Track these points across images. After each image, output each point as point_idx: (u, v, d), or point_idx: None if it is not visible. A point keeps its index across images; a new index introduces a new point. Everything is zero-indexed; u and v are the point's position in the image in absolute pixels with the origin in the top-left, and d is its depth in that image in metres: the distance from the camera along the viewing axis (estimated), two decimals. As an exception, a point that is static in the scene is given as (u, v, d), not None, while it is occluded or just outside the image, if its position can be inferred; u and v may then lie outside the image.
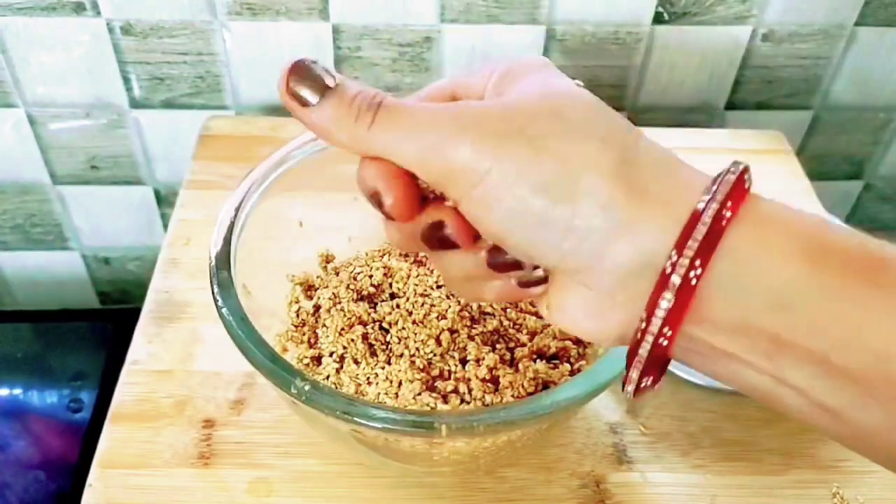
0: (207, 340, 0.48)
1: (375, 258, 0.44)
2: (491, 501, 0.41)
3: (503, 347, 0.40)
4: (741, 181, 0.24)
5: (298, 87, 0.26)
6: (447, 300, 0.40)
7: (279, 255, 0.44)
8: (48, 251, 0.78)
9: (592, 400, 0.34)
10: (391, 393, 0.37)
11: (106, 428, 0.44)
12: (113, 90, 0.65)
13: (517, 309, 0.42)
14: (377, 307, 0.41)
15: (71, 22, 0.61)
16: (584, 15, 0.63)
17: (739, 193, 0.24)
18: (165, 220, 0.75)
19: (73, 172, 0.71)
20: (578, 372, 0.40)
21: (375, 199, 0.27)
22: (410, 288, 0.41)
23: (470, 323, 0.40)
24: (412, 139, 0.26)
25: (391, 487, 0.42)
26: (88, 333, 0.75)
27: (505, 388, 0.38)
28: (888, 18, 0.65)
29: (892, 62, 0.68)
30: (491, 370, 0.38)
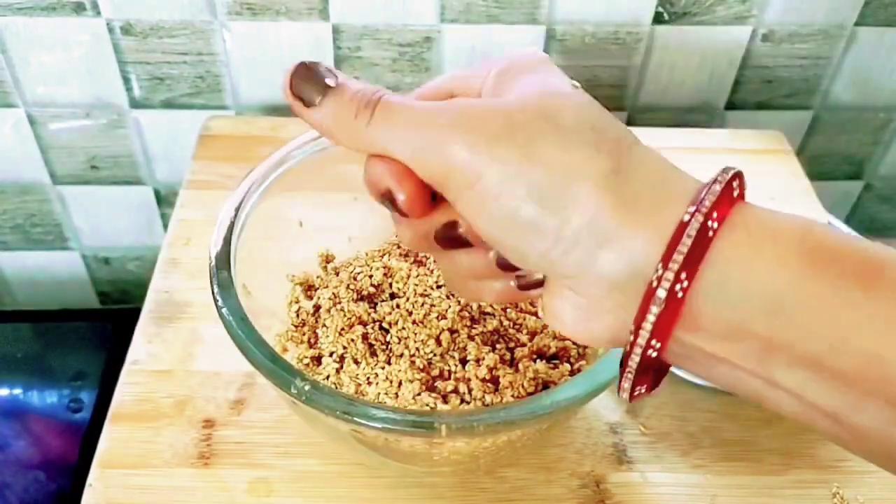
0: (207, 340, 0.48)
1: (375, 258, 0.44)
2: (491, 501, 0.41)
3: (503, 347, 0.40)
4: (729, 189, 0.24)
5: (301, 87, 0.27)
6: (447, 300, 0.40)
7: (279, 255, 0.44)
8: (48, 251, 0.78)
9: (592, 400, 0.34)
10: (391, 393, 0.37)
11: (106, 428, 0.44)
12: (113, 90, 0.65)
13: (517, 309, 0.42)
14: (377, 307, 0.41)
15: (71, 22, 0.61)
16: (584, 15, 0.62)
17: (726, 203, 0.24)
18: (165, 220, 0.75)
19: (73, 172, 0.71)
20: (578, 372, 0.40)
21: (387, 197, 0.27)
22: (410, 288, 0.41)
23: (470, 323, 0.40)
24: (408, 136, 0.26)
25: (391, 487, 0.42)
26: (88, 333, 0.74)
27: (505, 388, 0.38)
28: (888, 18, 0.65)
29: (892, 62, 0.68)
30: (491, 370, 0.38)
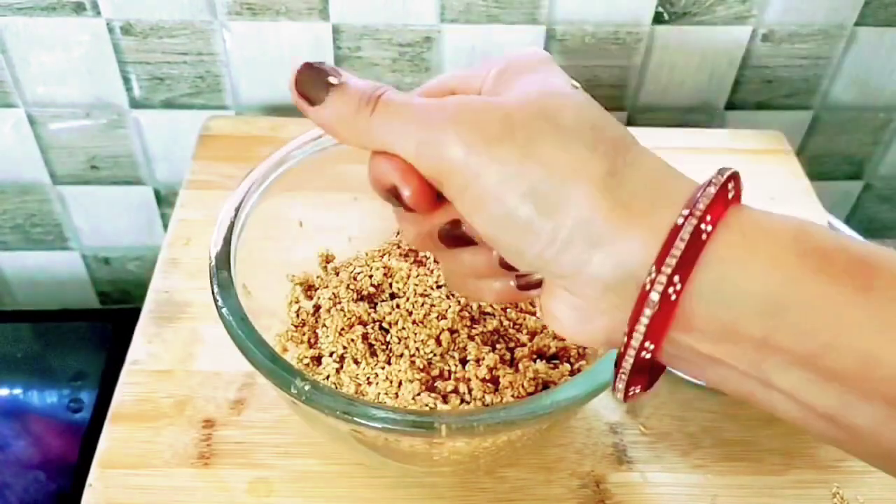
0: (207, 340, 0.48)
1: (375, 258, 0.44)
2: (491, 501, 0.41)
3: (503, 347, 0.40)
4: (724, 192, 0.24)
5: (306, 86, 0.27)
6: (447, 300, 0.40)
7: (279, 255, 0.44)
8: (48, 251, 0.78)
9: (592, 400, 0.34)
10: (391, 393, 0.37)
11: (106, 428, 0.44)
12: (113, 90, 0.65)
13: (517, 309, 0.42)
14: (377, 307, 0.41)
15: (71, 22, 0.61)
16: (584, 15, 0.62)
17: (720, 205, 0.24)
18: (165, 220, 0.75)
19: (73, 172, 0.71)
20: (578, 372, 0.40)
21: (393, 193, 0.27)
22: (410, 288, 0.41)
23: (470, 323, 0.40)
24: (408, 132, 0.26)
25: (391, 487, 0.42)
26: (88, 333, 0.74)
27: (505, 388, 0.38)
28: (888, 18, 0.65)
29: (892, 62, 0.68)
30: (491, 370, 0.38)
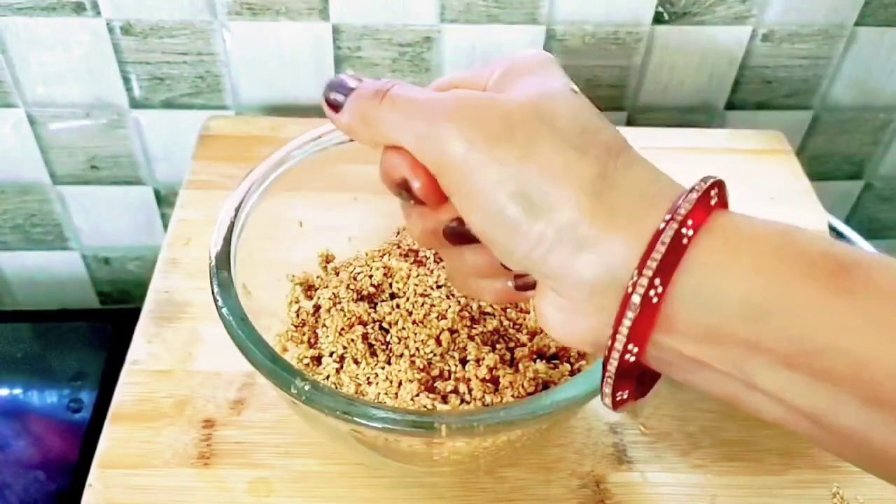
0: (207, 340, 0.48)
1: (375, 258, 0.44)
2: (491, 501, 0.41)
3: (503, 347, 0.40)
4: (706, 198, 0.25)
5: (330, 94, 0.30)
6: (447, 300, 0.40)
7: (279, 255, 0.44)
8: (48, 251, 0.78)
9: (592, 400, 0.34)
10: (391, 393, 0.37)
11: (106, 428, 0.44)
12: (113, 90, 0.65)
13: (517, 309, 0.42)
14: (377, 307, 0.41)
15: (71, 22, 0.61)
16: (584, 15, 0.62)
17: (702, 211, 0.24)
18: (165, 220, 0.75)
19: (73, 172, 0.71)
20: (578, 372, 0.40)
21: (403, 186, 0.28)
22: (410, 288, 0.41)
23: (470, 323, 0.40)
24: (412, 125, 0.27)
25: (391, 487, 0.42)
26: (88, 333, 0.74)
27: (505, 388, 0.38)
28: (888, 18, 0.65)
29: (892, 62, 0.68)
30: (491, 370, 0.38)
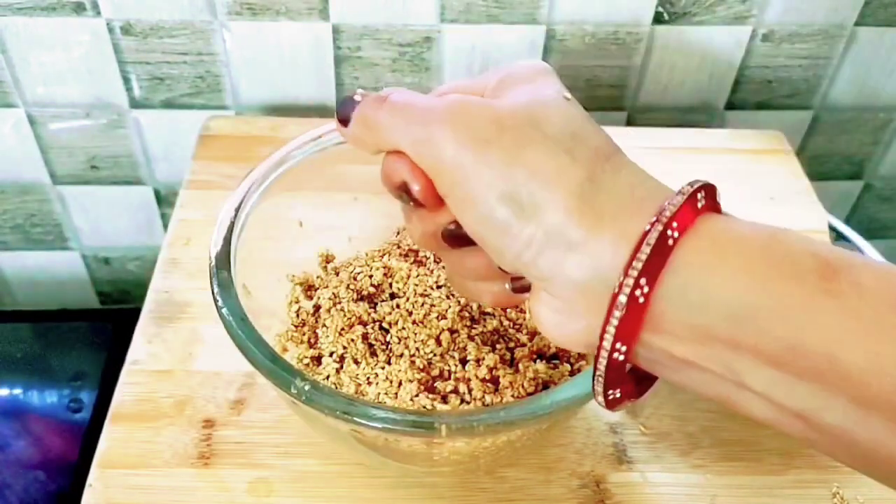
0: (207, 340, 0.48)
1: (375, 258, 0.44)
2: (491, 501, 0.41)
3: (503, 347, 0.40)
4: (692, 201, 0.25)
5: (341, 110, 0.30)
6: (447, 300, 0.40)
7: (279, 255, 0.44)
8: (48, 251, 0.78)
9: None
10: (391, 393, 0.37)
11: (106, 428, 0.44)
12: (113, 90, 0.65)
13: (517, 309, 0.42)
14: (377, 307, 0.41)
15: (71, 22, 0.61)
16: (584, 15, 0.62)
17: (688, 214, 0.25)
18: (165, 220, 0.75)
19: (73, 172, 0.71)
20: (578, 372, 0.40)
21: (403, 189, 0.29)
22: (410, 288, 0.41)
23: (470, 323, 0.40)
24: (409, 129, 0.28)
25: (391, 487, 0.42)
26: (88, 333, 0.74)
27: (505, 388, 0.38)
28: (888, 18, 0.65)
29: (892, 62, 0.68)
30: (491, 370, 0.38)
